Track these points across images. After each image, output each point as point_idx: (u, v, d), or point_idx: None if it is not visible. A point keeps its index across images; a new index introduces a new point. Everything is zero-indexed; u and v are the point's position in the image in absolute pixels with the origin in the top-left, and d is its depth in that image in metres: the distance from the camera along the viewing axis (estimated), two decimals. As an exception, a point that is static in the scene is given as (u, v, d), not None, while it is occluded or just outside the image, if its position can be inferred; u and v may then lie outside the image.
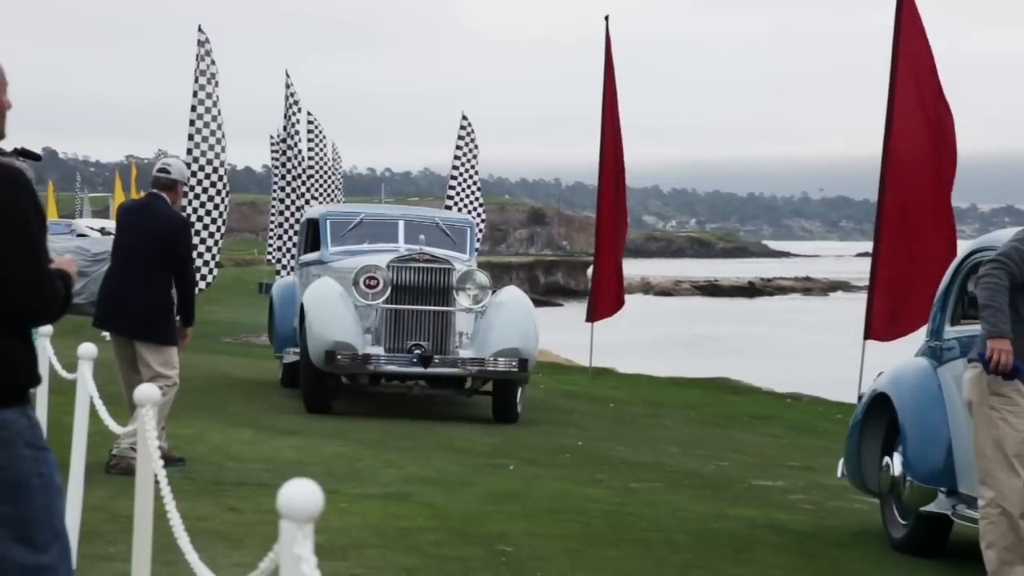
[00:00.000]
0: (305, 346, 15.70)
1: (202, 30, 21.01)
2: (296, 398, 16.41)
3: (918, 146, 15.48)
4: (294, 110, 30.17)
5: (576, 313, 25.54)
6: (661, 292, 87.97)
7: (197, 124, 20.55)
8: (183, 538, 5.05)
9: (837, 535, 10.45)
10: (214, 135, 20.56)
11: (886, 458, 9.83)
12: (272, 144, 36.46)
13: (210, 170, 20.47)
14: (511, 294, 16.43)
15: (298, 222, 23.39)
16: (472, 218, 21.33)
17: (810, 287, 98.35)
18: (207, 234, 20.26)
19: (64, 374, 9.29)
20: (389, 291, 15.64)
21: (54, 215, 64.33)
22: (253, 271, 55.20)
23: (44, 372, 8.92)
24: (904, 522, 9.77)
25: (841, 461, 10.72)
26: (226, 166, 20.80)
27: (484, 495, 10.89)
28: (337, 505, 9.55)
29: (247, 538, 8.50)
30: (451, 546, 8.76)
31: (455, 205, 27.73)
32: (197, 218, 20.20)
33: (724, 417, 19.45)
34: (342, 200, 36.72)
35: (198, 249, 20.56)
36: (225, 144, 20.69)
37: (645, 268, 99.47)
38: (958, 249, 13.23)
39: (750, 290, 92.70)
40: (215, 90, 20.74)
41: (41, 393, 9.28)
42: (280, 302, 18.54)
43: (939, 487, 9.29)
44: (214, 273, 21.20)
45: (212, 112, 20.60)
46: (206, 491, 10.08)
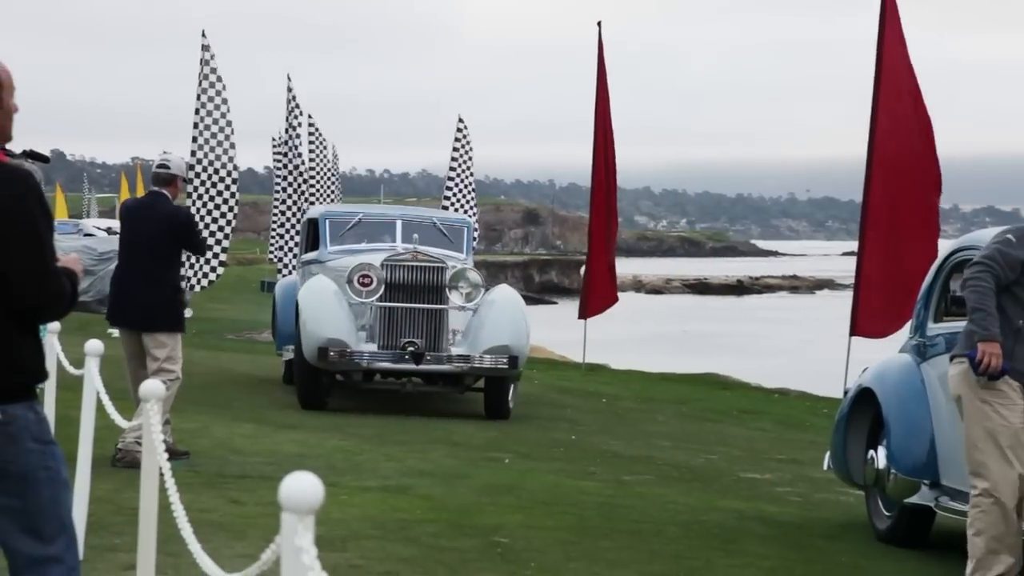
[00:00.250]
0: (299, 343, 15.61)
1: (205, 35, 21.00)
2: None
3: (902, 148, 15.50)
4: (295, 113, 30.15)
5: (570, 311, 25.55)
6: (652, 290, 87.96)
7: (200, 127, 20.54)
8: (187, 529, 5.04)
9: (823, 526, 10.45)
10: (218, 136, 20.53)
11: (871, 451, 9.83)
12: (274, 146, 36.45)
13: (212, 171, 20.45)
14: (503, 293, 16.32)
15: (299, 222, 23.37)
16: (469, 218, 21.28)
17: (797, 285, 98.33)
18: (208, 233, 20.19)
19: (71, 370, 9.28)
20: (383, 289, 15.55)
21: (63, 215, 64.31)
22: (255, 270, 55.21)
23: (52, 368, 8.94)
24: (888, 514, 9.78)
25: (827, 454, 10.72)
26: (235, 167, 20.73)
27: (480, 488, 10.89)
28: (337, 497, 9.55)
29: (249, 530, 8.50)
30: (448, 537, 8.76)
31: (452, 205, 27.73)
32: (199, 218, 20.16)
33: (714, 412, 19.45)
34: (341, 200, 36.69)
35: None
36: (234, 142, 20.65)
37: (637, 267, 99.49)
38: (939, 248, 13.24)
39: (739, 288, 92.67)
40: (223, 92, 20.71)
41: (49, 388, 9.26)
42: (282, 301, 18.51)
43: (922, 480, 9.30)
44: (218, 272, 21.18)
45: (216, 115, 20.57)
46: (209, 484, 10.08)
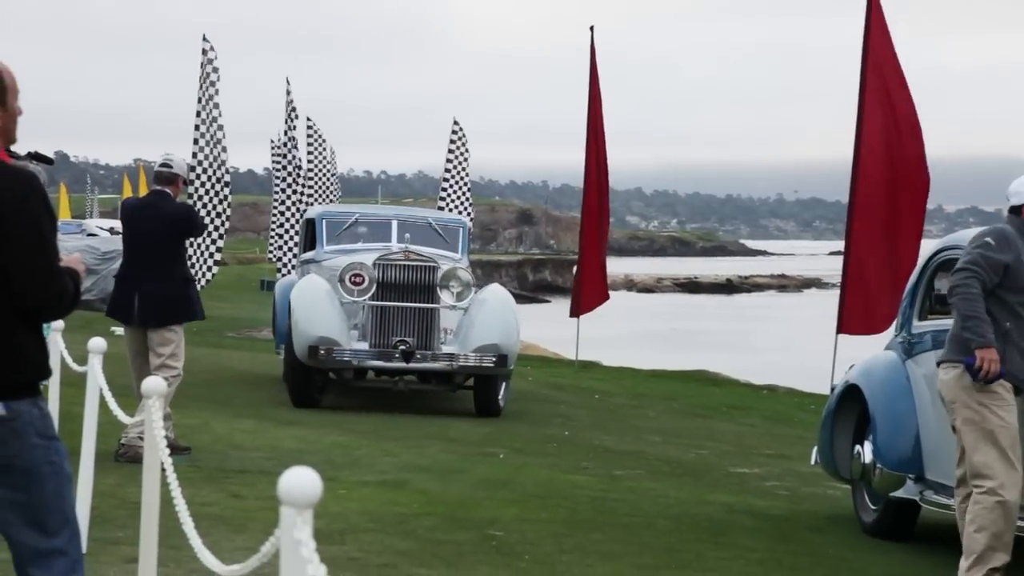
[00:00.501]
0: (290, 341, 15.48)
1: (206, 39, 20.99)
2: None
3: (887, 149, 15.49)
4: (294, 116, 30.14)
5: (563, 309, 25.52)
6: (644, 289, 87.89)
7: (201, 129, 20.54)
8: (188, 523, 5.04)
9: (811, 519, 10.46)
10: (216, 135, 20.53)
11: (857, 446, 9.84)
12: (273, 148, 36.42)
13: (212, 172, 20.45)
14: (494, 292, 16.21)
15: (298, 222, 23.35)
16: (464, 218, 21.21)
17: (785, 284, 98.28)
18: (205, 233, 20.15)
19: (75, 367, 9.28)
20: (374, 288, 15.44)
21: (66, 215, 64.33)
22: (255, 269, 55.19)
23: (55, 365, 8.92)
24: (874, 507, 9.79)
25: (815, 449, 10.73)
26: (227, 170, 20.71)
27: (475, 482, 10.89)
28: (335, 492, 9.54)
29: (249, 523, 8.49)
30: (444, 531, 8.76)
31: (447, 206, 27.72)
32: (208, 214, 20.17)
33: (704, 408, 19.46)
34: (339, 201, 36.66)
35: (199, 249, 20.55)
36: (225, 145, 20.63)
37: (628, 266, 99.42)
38: (923, 248, 13.24)
39: (728, 287, 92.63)
40: (215, 96, 20.70)
41: (53, 385, 9.27)
42: (282, 300, 18.44)
43: (907, 474, 9.31)
44: (213, 271, 21.17)
45: (213, 115, 20.57)
46: (210, 478, 10.08)
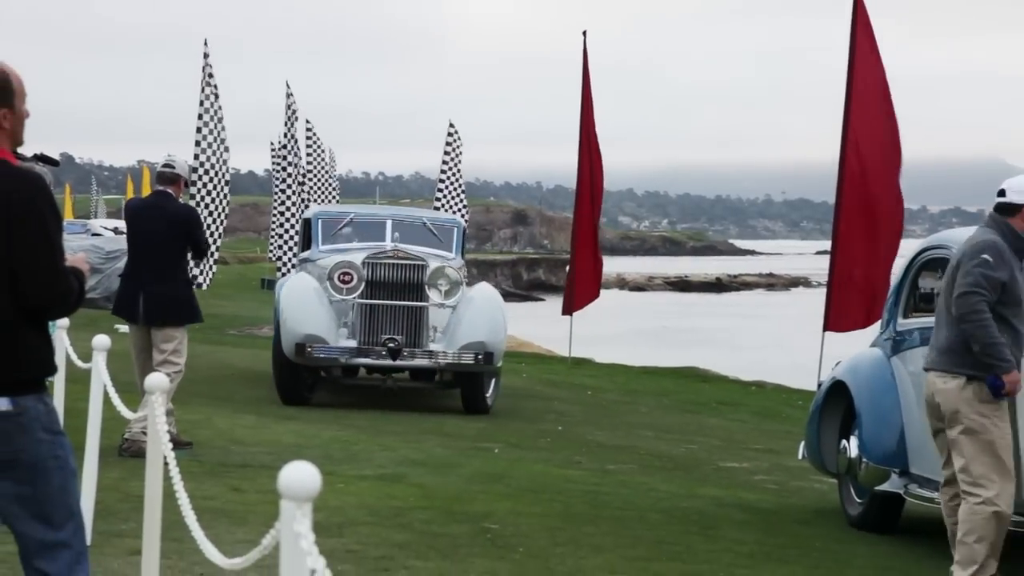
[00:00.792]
0: (278, 339, 15.31)
1: (207, 44, 20.97)
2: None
3: (873, 151, 15.50)
4: (293, 118, 30.12)
5: (557, 307, 25.50)
6: (635, 287, 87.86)
7: (203, 131, 20.51)
8: (190, 516, 5.04)
9: (798, 513, 10.47)
10: (217, 140, 20.50)
11: (843, 441, 9.85)
12: (273, 150, 36.40)
13: (213, 173, 20.43)
14: (482, 290, 16.02)
15: (298, 222, 23.29)
16: (459, 218, 21.13)
17: (773, 283, 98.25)
18: (206, 233, 20.10)
19: (79, 364, 9.27)
20: (363, 286, 15.28)
21: (71, 216, 64.20)
22: (255, 268, 55.15)
23: (60, 362, 8.93)
24: (860, 500, 9.80)
25: (802, 444, 10.73)
26: (227, 170, 20.68)
27: (471, 476, 10.89)
28: (334, 486, 9.54)
29: (250, 516, 8.49)
30: (440, 524, 8.75)
31: (443, 206, 27.71)
32: (209, 214, 20.14)
33: (694, 403, 19.46)
34: (340, 201, 36.63)
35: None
36: (228, 146, 20.60)
37: (620, 265, 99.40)
38: (907, 247, 13.23)
39: (718, 286, 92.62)
40: (217, 101, 20.67)
41: (58, 381, 9.27)
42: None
43: (892, 468, 9.32)
44: (213, 270, 21.14)
45: (215, 119, 20.54)
46: (212, 473, 10.07)
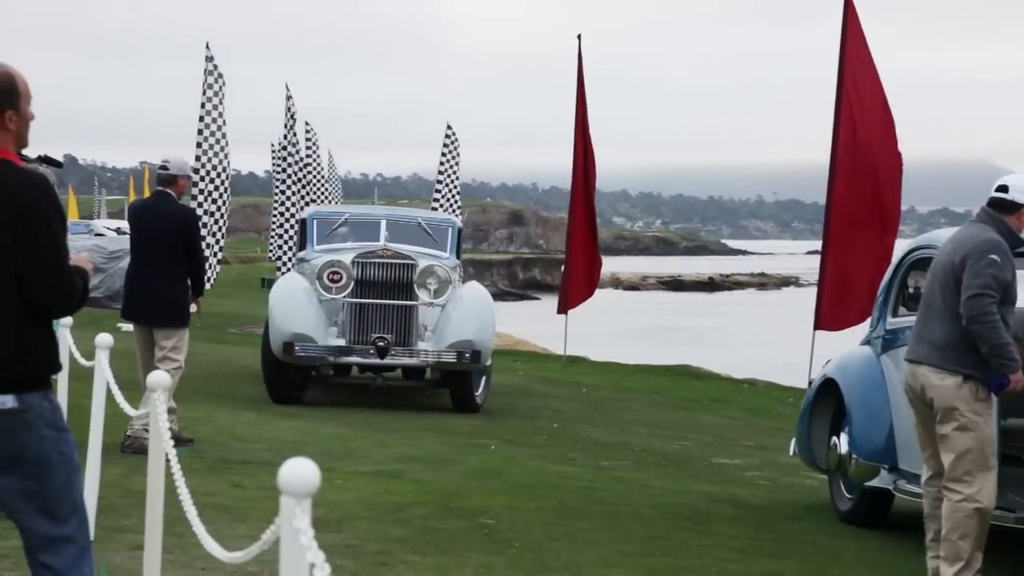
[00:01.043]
0: (267, 338, 15.21)
1: (209, 48, 20.96)
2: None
3: (862, 152, 15.51)
4: (293, 120, 30.11)
5: (553, 306, 25.50)
6: (629, 287, 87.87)
7: (204, 133, 20.49)
8: (192, 512, 5.04)
9: (789, 508, 10.47)
10: (221, 142, 20.49)
11: (834, 438, 9.86)
12: (273, 151, 36.41)
13: (215, 175, 20.42)
14: (471, 289, 15.87)
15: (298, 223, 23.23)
16: (455, 218, 21.04)
17: (764, 282, 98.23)
18: (207, 233, 20.08)
19: (83, 361, 9.27)
20: (352, 285, 15.17)
21: (75, 216, 64.11)
22: (256, 267, 55.15)
23: (64, 360, 8.92)
24: (850, 496, 9.81)
25: (793, 441, 10.74)
26: (228, 171, 20.66)
27: (468, 472, 10.89)
28: (333, 482, 9.55)
29: (250, 512, 8.49)
30: (438, 519, 8.76)
31: (441, 207, 27.71)
32: (206, 215, 20.11)
33: (686, 401, 19.47)
34: (341, 202, 36.60)
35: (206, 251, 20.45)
36: (228, 151, 20.58)
37: (614, 265, 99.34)
38: (899, 247, 13.25)
39: (710, 285, 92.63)
40: (221, 102, 20.66)
41: (62, 379, 9.25)
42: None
43: (882, 464, 9.32)
44: (216, 269, 21.10)
45: (218, 122, 20.54)
46: (213, 469, 10.07)
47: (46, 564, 4.65)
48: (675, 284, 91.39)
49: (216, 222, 20.36)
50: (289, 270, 24.68)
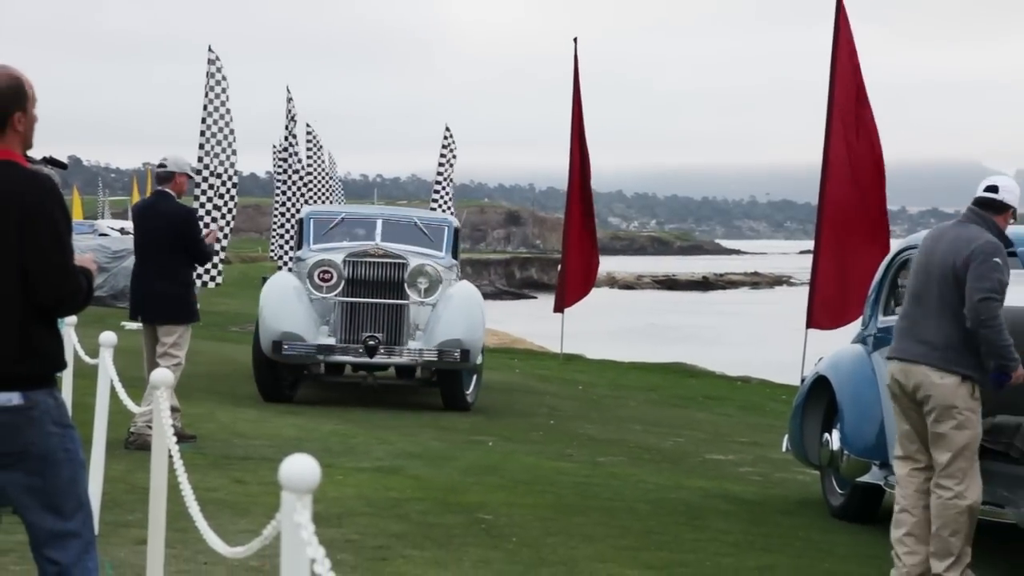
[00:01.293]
0: (257, 336, 15.06)
1: (212, 50, 20.94)
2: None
3: (853, 154, 15.54)
4: (294, 122, 30.08)
5: (549, 305, 25.50)
6: (624, 286, 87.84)
7: (207, 134, 20.47)
8: (194, 507, 5.05)
9: (782, 503, 10.47)
10: (222, 143, 20.46)
11: (826, 434, 9.86)
12: (274, 152, 36.37)
13: (217, 176, 20.39)
14: (461, 288, 15.66)
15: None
16: (452, 218, 20.94)
17: (758, 281, 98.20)
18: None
19: (87, 359, 9.27)
20: (342, 285, 15.01)
21: (79, 217, 64.16)
22: (257, 267, 55.11)
23: (69, 358, 8.91)
24: (842, 491, 9.81)
25: (785, 437, 10.74)
26: (236, 172, 20.63)
27: (465, 468, 10.89)
28: (333, 478, 9.55)
29: (252, 507, 8.49)
30: (436, 514, 8.76)
31: (439, 207, 27.70)
32: (208, 215, 20.08)
33: (681, 398, 19.47)
34: (344, 202, 36.54)
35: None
36: (236, 149, 20.54)
37: (610, 264, 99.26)
38: (890, 247, 13.25)
39: (704, 284, 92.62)
40: (227, 103, 20.62)
41: (67, 377, 9.25)
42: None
43: (873, 460, 9.32)
44: (220, 269, 21.06)
45: (220, 124, 20.51)
46: (215, 465, 10.07)
47: (51, 559, 4.66)
48: (670, 283, 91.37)
49: (215, 221, 20.30)
50: (290, 270, 24.67)
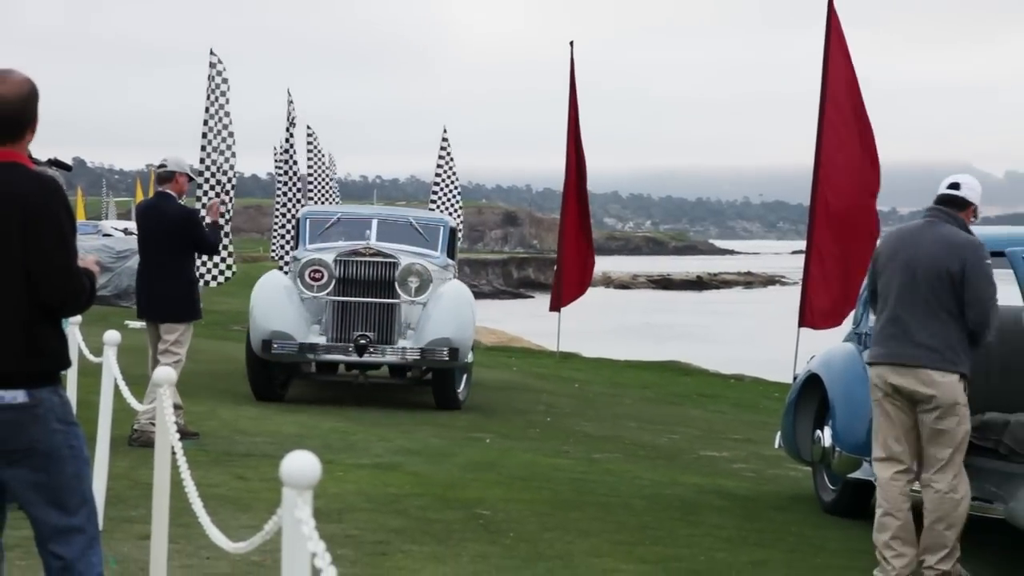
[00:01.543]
0: (248, 335, 15.01)
1: (214, 53, 20.93)
2: (297, 381, 16.16)
3: (845, 155, 15.54)
4: (294, 124, 30.06)
5: (546, 304, 25.50)
6: (620, 285, 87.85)
7: (209, 136, 20.46)
8: (197, 503, 5.05)
9: (775, 499, 10.48)
10: (221, 145, 20.45)
11: (817, 431, 9.86)
12: (275, 154, 36.35)
13: (218, 177, 20.37)
14: (452, 287, 15.50)
15: (299, 223, 23.10)
16: (448, 217, 20.87)
17: (751, 281, 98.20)
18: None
19: (91, 358, 9.27)
20: (333, 284, 14.90)
21: (83, 217, 64.09)
22: (259, 267, 54.98)
23: (73, 356, 8.92)
24: (833, 487, 9.82)
25: (778, 434, 10.75)
26: (235, 174, 20.61)
27: (464, 465, 10.89)
28: (333, 474, 9.55)
29: (254, 503, 8.49)
30: (435, 510, 8.76)
31: (437, 208, 27.69)
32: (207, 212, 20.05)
33: (676, 395, 19.47)
34: (339, 203, 36.52)
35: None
36: (235, 151, 20.52)
37: (606, 264, 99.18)
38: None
39: (698, 284, 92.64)
40: (226, 106, 20.61)
41: (71, 375, 9.26)
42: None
43: (864, 456, 9.31)
44: (232, 269, 20.97)
45: (220, 126, 20.50)
46: (217, 461, 10.07)
47: (56, 554, 4.66)
48: (665, 283, 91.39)
49: (217, 195, 20.25)
50: (289, 270, 24.61)
